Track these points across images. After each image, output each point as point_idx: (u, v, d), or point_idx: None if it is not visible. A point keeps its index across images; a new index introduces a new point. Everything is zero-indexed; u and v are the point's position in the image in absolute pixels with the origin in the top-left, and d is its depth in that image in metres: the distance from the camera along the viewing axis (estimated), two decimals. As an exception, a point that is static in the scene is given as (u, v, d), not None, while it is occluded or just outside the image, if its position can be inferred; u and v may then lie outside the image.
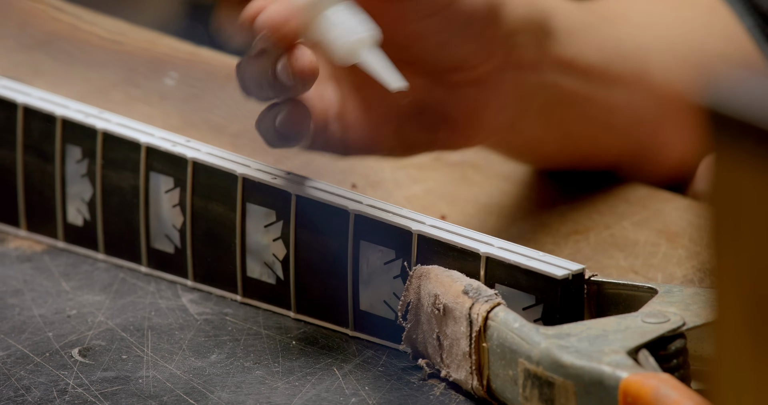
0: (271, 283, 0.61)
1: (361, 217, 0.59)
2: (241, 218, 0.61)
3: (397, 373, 0.58)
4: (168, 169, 0.63)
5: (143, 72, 0.77)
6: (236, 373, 0.58)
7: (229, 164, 0.62)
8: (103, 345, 0.59)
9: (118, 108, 0.74)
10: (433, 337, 0.57)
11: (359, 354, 0.59)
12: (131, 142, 0.64)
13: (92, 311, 0.62)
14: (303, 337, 0.60)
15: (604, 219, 0.67)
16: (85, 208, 0.65)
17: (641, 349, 0.53)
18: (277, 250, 0.61)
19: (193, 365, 0.58)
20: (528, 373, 0.53)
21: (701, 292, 0.55)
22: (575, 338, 0.53)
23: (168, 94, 0.76)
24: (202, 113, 0.75)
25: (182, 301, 0.62)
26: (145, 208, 0.64)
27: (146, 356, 0.59)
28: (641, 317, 0.54)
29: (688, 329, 0.54)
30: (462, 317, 0.55)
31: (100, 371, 0.58)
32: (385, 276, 0.59)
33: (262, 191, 0.61)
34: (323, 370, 0.58)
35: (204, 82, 0.77)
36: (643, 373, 0.51)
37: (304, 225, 0.60)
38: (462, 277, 0.56)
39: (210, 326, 0.61)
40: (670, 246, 0.65)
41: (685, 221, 0.67)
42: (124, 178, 0.64)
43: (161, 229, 0.63)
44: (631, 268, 0.64)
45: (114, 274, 0.64)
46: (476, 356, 0.55)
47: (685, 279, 0.63)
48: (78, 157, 0.65)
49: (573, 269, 0.56)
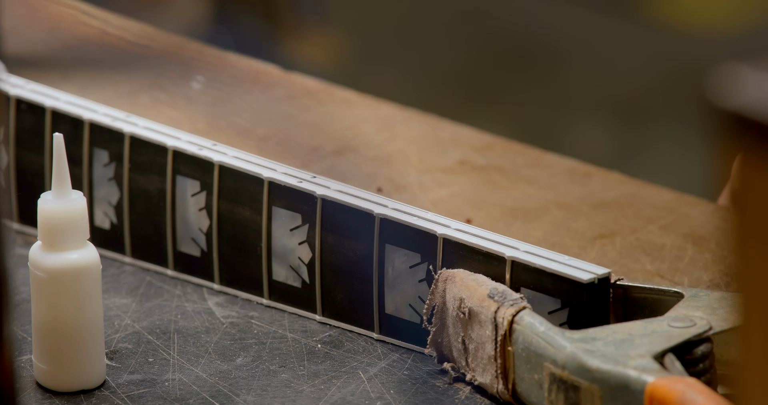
0: (297, 286, 0.62)
1: (387, 220, 0.59)
2: (267, 221, 0.61)
3: (422, 376, 0.58)
4: (194, 173, 0.63)
5: (170, 76, 0.78)
6: (262, 376, 0.58)
7: (255, 168, 0.62)
8: (130, 348, 0.60)
9: (146, 112, 0.74)
10: (458, 341, 0.57)
11: (384, 357, 0.59)
12: (158, 146, 0.64)
13: (119, 314, 0.62)
14: (328, 341, 0.60)
15: (630, 223, 0.67)
16: (112, 211, 0.65)
17: (667, 353, 0.52)
18: (302, 254, 0.61)
19: (219, 368, 0.59)
20: (554, 377, 0.53)
21: (727, 296, 0.55)
22: (601, 342, 0.53)
23: (195, 97, 0.76)
24: (229, 117, 0.75)
25: (208, 304, 0.63)
26: (171, 211, 0.64)
27: (172, 359, 0.59)
28: (667, 321, 0.54)
29: (715, 333, 0.53)
30: (487, 321, 0.55)
31: (126, 374, 0.58)
32: (410, 279, 0.59)
33: (287, 195, 0.61)
34: (348, 374, 0.58)
35: (230, 86, 0.77)
36: (670, 378, 0.51)
37: (329, 228, 0.60)
38: (487, 280, 0.56)
39: (236, 329, 0.61)
40: (697, 250, 0.65)
41: (712, 225, 0.67)
42: (150, 182, 0.64)
43: (187, 233, 0.64)
44: (657, 272, 0.64)
45: (141, 277, 0.64)
46: (501, 360, 0.55)
47: (711, 283, 0.63)
48: (105, 160, 0.65)
49: (599, 273, 0.56)
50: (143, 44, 0.80)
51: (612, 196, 0.69)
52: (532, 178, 0.71)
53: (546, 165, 0.72)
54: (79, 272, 0.57)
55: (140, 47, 0.80)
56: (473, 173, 0.71)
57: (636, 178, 0.71)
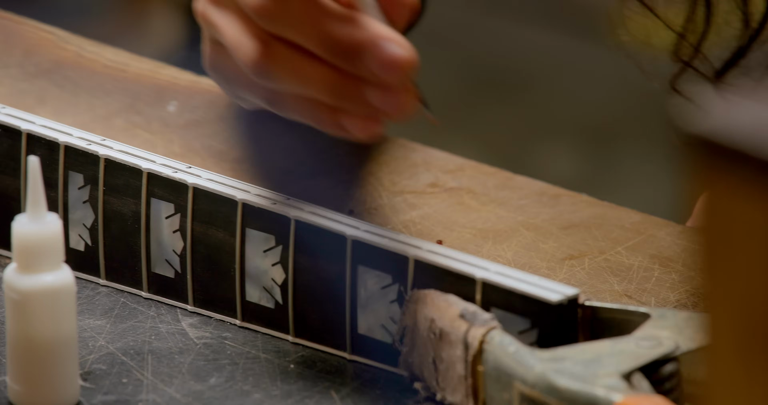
0: (270, 307, 0.62)
1: (359, 242, 0.60)
2: (241, 243, 0.62)
3: (394, 396, 0.58)
4: (169, 195, 0.64)
5: (146, 100, 0.78)
6: (235, 396, 0.59)
7: (229, 190, 0.63)
8: (104, 369, 0.60)
9: (121, 135, 0.75)
10: (429, 361, 0.57)
11: (357, 377, 0.60)
12: (133, 169, 0.64)
13: (93, 335, 0.62)
14: (301, 361, 0.61)
15: (598, 244, 0.68)
16: (86, 233, 0.66)
17: (635, 372, 0.53)
18: (276, 275, 0.62)
19: (193, 389, 0.59)
20: (523, 397, 0.54)
21: (694, 316, 0.56)
22: (570, 362, 0.53)
23: (170, 121, 0.77)
24: (203, 140, 0.75)
25: (182, 325, 0.63)
26: (146, 233, 0.64)
27: (146, 380, 0.59)
28: (635, 341, 0.54)
29: (681, 353, 0.54)
30: (458, 341, 0.56)
31: (100, 395, 0.59)
32: (382, 300, 0.59)
33: (261, 216, 0.62)
34: (321, 394, 0.59)
35: (205, 110, 0.78)
36: (637, 396, 0.52)
37: (302, 250, 0.61)
38: (458, 301, 0.57)
39: (209, 350, 0.61)
40: (664, 271, 0.66)
41: (679, 246, 0.68)
42: (125, 204, 0.65)
43: (162, 254, 0.64)
44: (624, 292, 0.65)
45: (115, 298, 0.65)
46: (472, 380, 0.55)
47: (678, 303, 0.64)
48: (80, 183, 0.66)
49: (568, 294, 0.56)
50: (119, 68, 0.80)
51: (581, 218, 0.70)
52: (502, 200, 0.72)
53: (516, 187, 0.73)
54: (53, 294, 0.57)
55: (116, 71, 0.80)
56: (444, 195, 0.72)
57: (604, 200, 0.72)
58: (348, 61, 0.54)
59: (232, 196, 0.62)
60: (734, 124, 0.38)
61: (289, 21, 0.55)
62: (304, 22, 0.55)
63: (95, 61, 0.80)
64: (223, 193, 0.62)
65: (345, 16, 0.55)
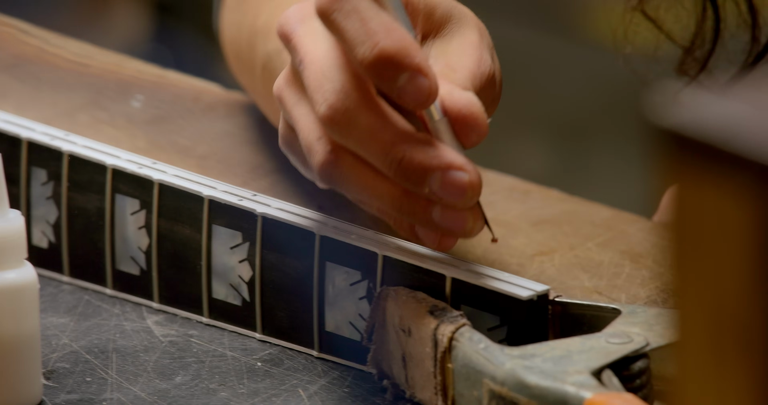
0: (237, 304, 0.61)
1: (327, 238, 0.59)
2: (207, 240, 0.61)
3: (362, 394, 0.58)
4: (134, 191, 0.63)
5: (110, 95, 0.77)
6: (201, 394, 0.58)
7: (195, 186, 0.62)
8: (68, 367, 0.59)
9: (85, 130, 0.74)
10: (398, 358, 0.57)
11: (325, 375, 0.59)
12: (97, 165, 0.64)
13: (56, 334, 0.61)
14: (268, 359, 0.60)
15: (568, 240, 0.68)
16: (50, 230, 0.65)
17: (605, 369, 0.53)
18: (242, 272, 0.61)
19: (158, 387, 0.58)
20: (493, 394, 0.53)
21: (664, 312, 0.56)
22: (540, 359, 0.53)
23: (134, 116, 0.76)
24: (169, 135, 0.75)
25: (147, 322, 0.62)
26: (110, 230, 0.63)
27: (111, 378, 0.59)
28: (605, 338, 0.54)
29: (651, 349, 0.54)
30: (427, 338, 0.55)
31: (64, 394, 0.58)
32: (350, 297, 0.59)
33: (228, 213, 0.61)
34: (288, 392, 0.58)
35: (171, 105, 0.77)
36: (607, 393, 0.51)
37: (270, 246, 0.60)
38: (427, 298, 0.56)
39: (175, 348, 0.61)
40: (634, 267, 0.66)
41: (649, 242, 0.67)
42: (89, 201, 0.64)
43: (127, 251, 0.63)
44: (595, 288, 0.64)
45: (79, 296, 0.64)
46: (441, 377, 0.55)
47: (648, 300, 0.64)
48: (43, 179, 0.65)
49: (538, 290, 0.56)
50: (82, 63, 0.80)
51: (551, 214, 0.70)
52: (467, 159, 0.71)
53: (486, 182, 0.72)
54: (16, 291, 0.56)
55: (79, 66, 0.79)
56: (413, 191, 0.72)
57: (574, 196, 0.72)
58: (412, 183, 0.54)
59: (199, 193, 0.62)
60: (703, 118, 0.38)
61: (355, 135, 0.54)
62: (370, 140, 0.54)
63: (58, 56, 0.79)
64: (190, 189, 0.62)
65: (413, 138, 0.54)
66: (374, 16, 0.53)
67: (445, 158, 0.54)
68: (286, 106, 0.56)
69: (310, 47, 0.55)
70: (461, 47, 0.56)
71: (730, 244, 0.37)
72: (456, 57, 0.56)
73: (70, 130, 0.66)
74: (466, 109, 0.54)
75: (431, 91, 0.53)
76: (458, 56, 0.56)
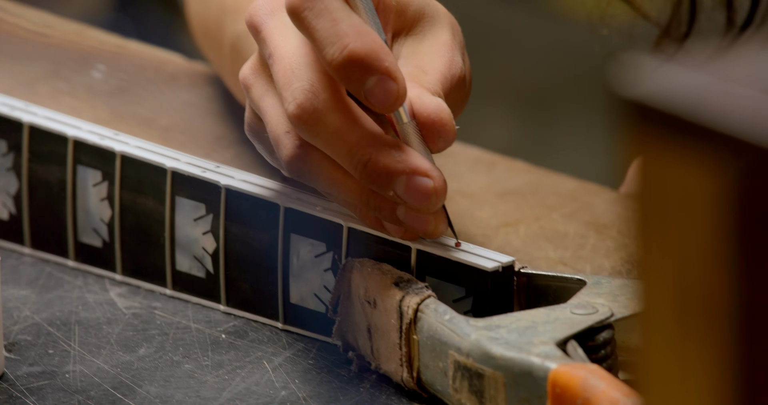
0: (201, 276, 0.61)
1: (292, 210, 0.59)
2: (171, 212, 0.61)
3: (327, 365, 0.58)
4: (96, 163, 0.62)
5: (70, 65, 0.77)
6: (165, 367, 0.58)
7: (158, 157, 0.61)
8: (29, 340, 0.59)
9: (45, 101, 0.73)
10: (363, 330, 0.57)
11: (289, 347, 0.59)
12: (58, 136, 0.63)
13: (18, 306, 0.61)
14: (233, 331, 0.60)
15: (534, 211, 0.68)
16: (11, 202, 0.64)
17: (570, 340, 0.53)
18: (206, 244, 0.61)
19: (121, 359, 0.58)
20: (458, 365, 0.53)
21: (629, 283, 0.56)
22: (505, 330, 0.53)
23: (96, 87, 0.75)
24: (131, 106, 0.74)
25: (110, 295, 0.62)
26: (72, 201, 0.63)
27: (73, 351, 0.58)
28: (570, 309, 0.54)
29: (616, 320, 0.54)
30: (392, 309, 0.55)
31: (26, 366, 0.57)
32: (315, 269, 0.59)
33: (191, 185, 0.61)
34: (253, 364, 0.58)
35: (132, 75, 0.76)
36: (572, 364, 0.51)
37: (233, 218, 0.60)
38: (392, 269, 0.56)
39: (138, 320, 0.60)
40: (599, 238, 0.66)
41: (614, 213, 0.67)
42: (51, 172, 0.63)
43: (89, 223, 0.63)
44: (560, 259, 0.64)
45: (40, 268, 0.63)
46: (406, 348, 0.55)
47: (613, 270, 0.64)
48: (3, 150, 0.64)
49: (503, 261, 0.56)
50: (42, 32, 0.79)
51: (516, 185, 0.70)
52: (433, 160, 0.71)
53: (450, 154, 0.72)
54: (-23, 264, 0.56)
55: (39, 35, 0.78)
56: (378, 162, 0.71)
57: (539, 167, 0.72)
58: (377, 186, 0.54)
59: (162, 164, 0.61)
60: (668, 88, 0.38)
61: (323, 136, 0.53)
62: (337, 141, 0.53)
63: (16, 25, 0.79)
64: (152, 160, 0.61)
65: (380, 141, 0.54)
66: (345, 17, 0.52)
67: (410, 163, 0.54)
68: (254, 95, 0.56)
69: (280, 42, 0.54)
70: (433, 48, 0.56)
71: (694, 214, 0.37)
72: (427, 58, 0.55)
73: (30, 101, 0.65)
74: (435, 114, 0.54)
75: (399, 95, 0.53)
76: (429, 57, 0.55)
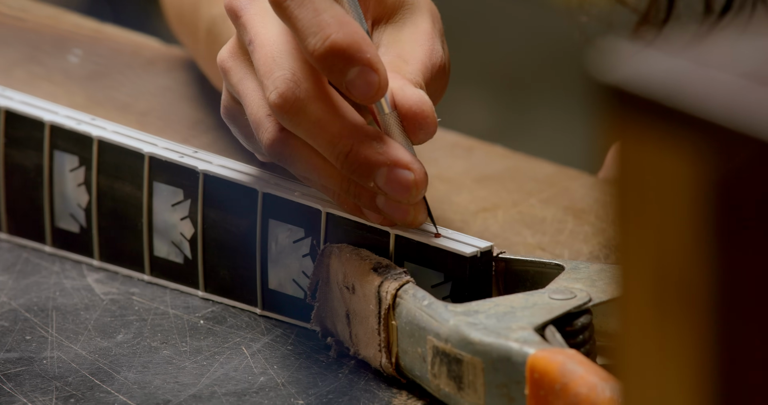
0: (179, 262, 0.61)
1: (270, 195, 0.59)
2: (148, 197, 0.61)
3: (306, 351, 0.58)
4: (73, 148, 0.62)
5: (46, 49, 0.76)
6: (143, 352, 0.58)
7: (135, 143, 0.61)
8: (6, 326, 0.59)
9: (21, 86, 0.73)
10: (342, 315, 0.57)
11: (268, 333, 0.59)
12: (35, 121, 0.63)
13: (-5, 292, 0.61)
14: (211, 317, 0.60)
15: (511, 196, 0.68)
16: (-13, 187, 0.64)
17: (548, 325, 0.53)
18: (184, 229, 0.61)
19: (99, 345, 0.58)
20: (436, 350, 0.53)
21: (607, 268, 0.56)
22: (483, 315, 0.53)
23: (72, 71, 0.75)
24: (108, 91, 0.74)
25: (88, 280, 0.62)
26: (49, 187, 0.63)
27: (51, 337, 0.58)
28: (548, 294, 0.54)
29: (594, 305, 0.54)
30: (371, 295, 0.55)
31: (3, 352, 0.57)
32: (294, 254, 0.59)
33: (169, 170, 0.60)
34: (231, 350, 0.58)
35: (109, 60, 0.76)
36: (550, 349, 0.51)
37: (212, 204, 0.60)
38: (371, 255, 0.56)
39: (116, 306, 0.60)
40: (577, 223, 0.66)
41: (592, 198, 0.68)
42: (27, 157, 0.63)
43: (66, 209, 0.63)
44: (538, 245, 0.65)
45: (17, 253, 0.63)
46: (385, 334, 0.55)
47: (591, 255, 0.64)
48: (-20, 135, 0.64)
49: (481, 247, 0.56)
50: (17, 16, 0.78)
51: (494, 170, 0.70)
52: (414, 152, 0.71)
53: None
54: (-47, 250, 0.56)
55: (14, 20, 0.78)
56: (356, 147, 0.71)
57: (518, 152, 0.72)
58: (358, 177, 0.54)
59: (139, 149, 0.61)
60: (646, 73, 0.38)
61: (304, 125, 0.53)
62: (318, 131, 0.53)
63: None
64: (130, 145, 0.61)
65: (362, 132, 0.53)
66: (327, 7, 0.52)
67: (391, 155, 0.54)
68: (232, 79, 0.56)
69: (260, 29, 0.54)
70: (413, 36, 0.56)
71: (672, 199, 0.37)
72: (408, 47, 0.55)
73: (6, 86, 0.65)
74: (417, 106, 0.54)
75: (380, 86, 0.53)
76: (410, 46, 0.55)
